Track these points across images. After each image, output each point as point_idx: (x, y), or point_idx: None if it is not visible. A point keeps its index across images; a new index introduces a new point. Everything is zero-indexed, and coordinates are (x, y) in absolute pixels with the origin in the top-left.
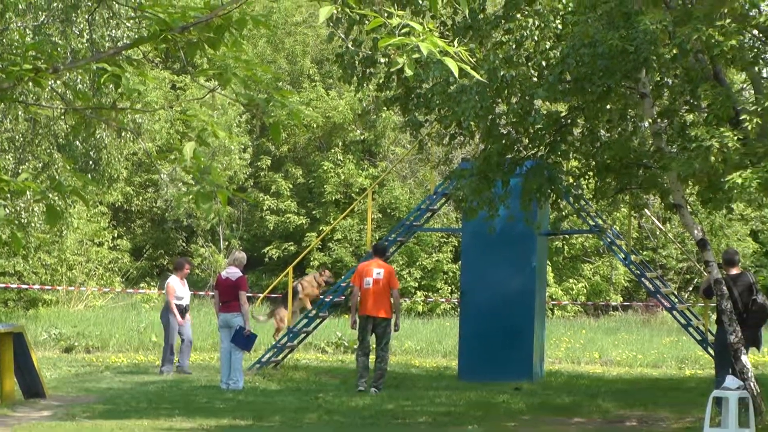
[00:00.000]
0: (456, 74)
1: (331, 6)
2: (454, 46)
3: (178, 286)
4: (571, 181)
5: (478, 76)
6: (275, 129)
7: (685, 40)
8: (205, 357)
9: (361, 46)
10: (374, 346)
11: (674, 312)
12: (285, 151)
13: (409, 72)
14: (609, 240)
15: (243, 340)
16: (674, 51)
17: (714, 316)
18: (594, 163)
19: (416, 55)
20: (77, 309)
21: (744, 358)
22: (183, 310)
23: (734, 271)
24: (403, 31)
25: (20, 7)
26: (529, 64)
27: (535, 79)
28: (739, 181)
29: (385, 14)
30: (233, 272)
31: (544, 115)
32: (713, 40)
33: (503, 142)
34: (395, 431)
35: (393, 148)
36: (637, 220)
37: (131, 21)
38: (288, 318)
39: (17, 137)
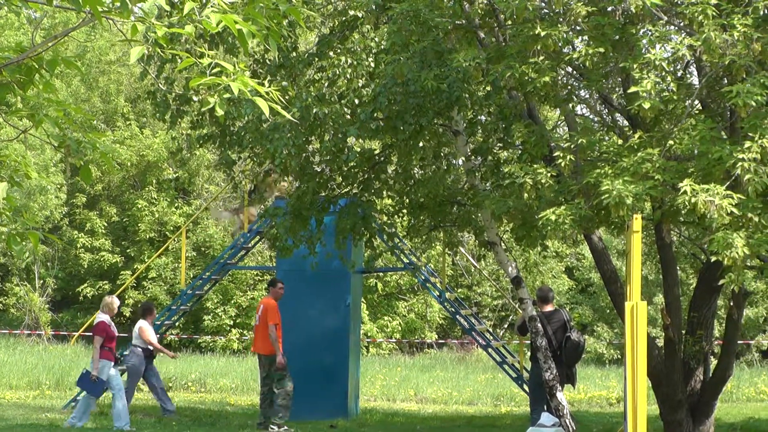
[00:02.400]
0: (267, 113)
1: (142, 47)
2: (265, 85)
3: (150, 330)
4: (384, 219)
5: (288, 116)
6: (85, 171)
7: (498, 77)
8: (21, 395)
9: (174, 84)
10: None
11: (489, 349)
12: (99, 190)
13: (220, 112)
14: (423, 277)
15: (89, 384)
16: (487, 88)
17: (529, 353)
18: (408, 200)
19: (227, 95)
20: None
21: (559, 395)
22: (150, 355)
23: (548, 308)
24: (215, 70)
25: None
26: (342, 102)
27: (348, 116)
28: (553, 218)
29: (197, 54)
30: (97, 317)
31: (357, 153)
32: (526, 77)
33: (317, 180)
34: None
35: (207, 186)
36: (451, 257)
37: None
38: None
39: None
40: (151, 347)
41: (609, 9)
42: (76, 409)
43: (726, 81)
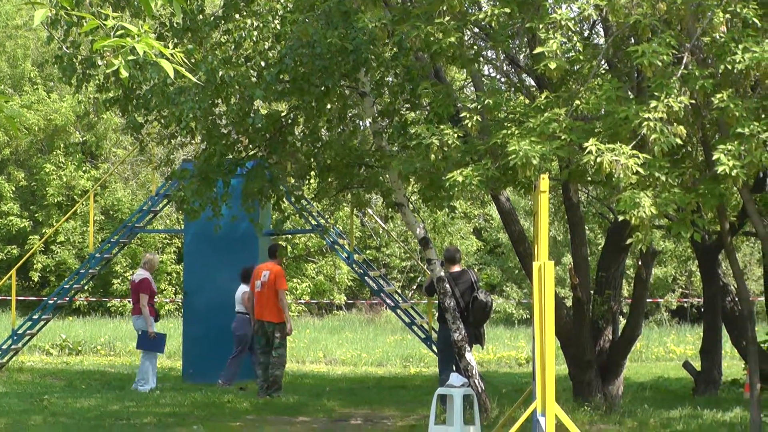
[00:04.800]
0: (171, 76)
1: (45, 9)
2: (170, 47)
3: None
4: (292, 181)
5: (193, 78)
6: None
7: (404, 38)
8: None
9: (80, 48)
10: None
11: (398, 310)
12: (7, 154)
13: (124, 74)
14: (332, 239)
15: (148, 342)
16: (394, 49)
17: (437, 314)
18: (315, 162)
19: (132, 57)
20: None
21: (468, 355)
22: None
23: (456, 268)
24: (119, 33)
25: None
26: (249, 64)
27: (254, 79)
28: (460, 178)
29: (102, 17)
30: (138, 274)
31: (264, 115)
32: (432, 38)
33: (224, 142)
34: None
35: (114, 149)
36: (359, 219)
37: None
38: None
39: None
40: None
41: None
42: (139, 373)
43: (632, 40)
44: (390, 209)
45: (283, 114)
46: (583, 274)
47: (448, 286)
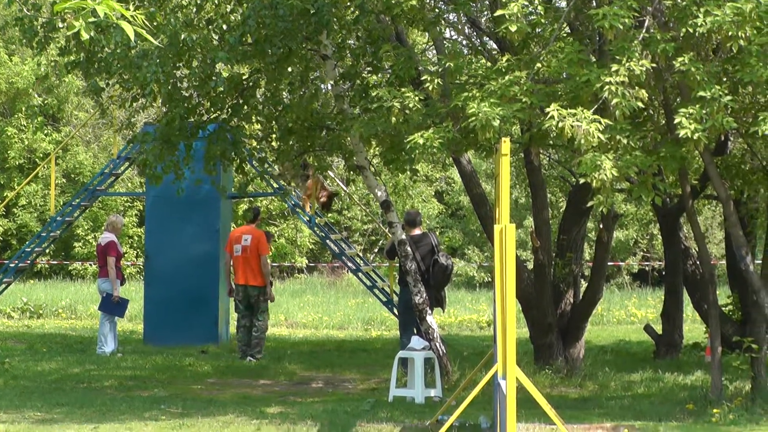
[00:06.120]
0: (132, 38)
1: None
2: (131, 9)
3: None
4: (254, 144)
5: (154, 41)
6: None
7: (366, 0)
8: None
9: (41, 11)
10: None
11: (359, 274)
12: None
13: (84, 36)
14: (293, 202)
15: (110, 305)
16: (355, 12)
17: (398, 278)
18: (277, 125)
19: (93, 19)
20: None
21: (429, 318)
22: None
23: (416, 231)
24: None
25: None
26: (210, 27)
27: (216, 42)
28: (421, 141)
29: None
30: (104, 237)
31: (225, 78)
32: (393, 0)
33: (186, 105)
34: (81, 396)
35: (76, 113)
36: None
37: None
38: None
39: None
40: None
41: None
42: (100, 337)
43: (594, 3)
44: (351, 172)
45: (244, 77)
46: (544, 238)
47: (409, 249)
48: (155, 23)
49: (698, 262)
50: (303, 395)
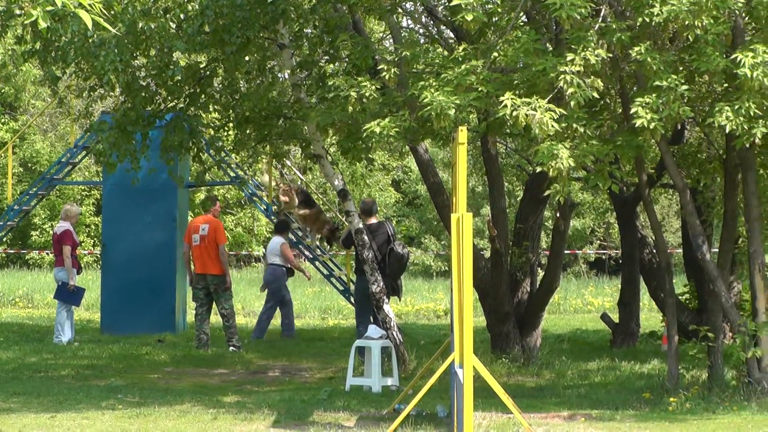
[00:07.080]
0: (90, 26)
1: None
2: None
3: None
4: (211, 133)
5: (112, 30)
6: None
7: None
8: None
9: None
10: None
11: (316, 262)
12: None
13: (42, 24)
14: (250, 191)
15: (66, 294)
16: (312, 1)
17: (355, 266)
18: (234, 114)
19: (50, 7)
20: None
21: (386, 307)
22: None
23: (372, 220)
24: None
25: None
26: (168, 16)
27: (174, 31)
28: (378, 129)
29: None
30: (59, 226)
31: (183, 67)
32: None
33: (143, 95)
34: (38, 385)
35: (33, 101)
36: (278, 170)
37: None
38: None
39: None
40: (289, 265)
41: None
42: (57, 326)
43: None
44: (308, 161)
45: (202, 66)
46: (501, 226)
47: (366, 237)
48: (113, 12)
49: (655, 251)
50: (260, 384)
